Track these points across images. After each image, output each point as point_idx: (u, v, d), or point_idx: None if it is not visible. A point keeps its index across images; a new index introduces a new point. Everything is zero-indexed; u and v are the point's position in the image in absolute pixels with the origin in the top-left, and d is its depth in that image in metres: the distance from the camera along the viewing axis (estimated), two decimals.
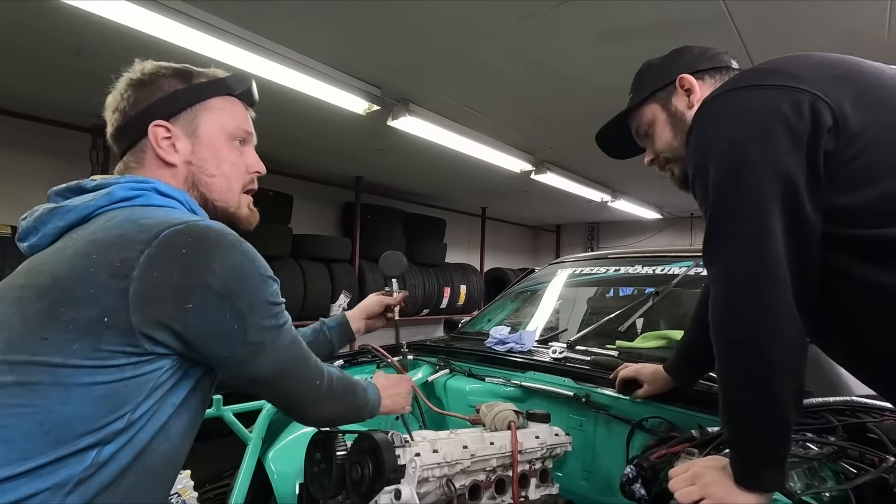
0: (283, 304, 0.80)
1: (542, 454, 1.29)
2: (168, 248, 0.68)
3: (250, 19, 2.22)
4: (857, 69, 0.83)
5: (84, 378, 0.65)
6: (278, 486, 1.48)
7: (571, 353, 1.69)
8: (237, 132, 0.90)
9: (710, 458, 0.89)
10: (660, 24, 2.15)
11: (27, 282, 0.70)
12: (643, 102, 1.05)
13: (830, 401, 1.05)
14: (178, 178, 0.84)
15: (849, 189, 0.75)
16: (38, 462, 0.61)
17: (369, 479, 0.96)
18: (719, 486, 0.80)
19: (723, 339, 0.80)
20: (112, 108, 0.85)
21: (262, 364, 0.76)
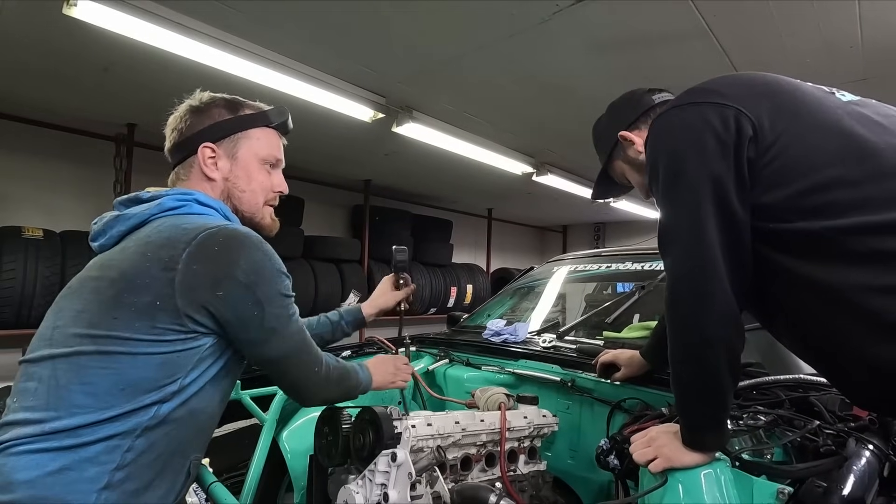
0: (293, 298, 0.95)
1: (530, 433, 1.41)
2: (204, 247, 0.85)
3: (264, 37, 2.38)
4: (775, 86, 0.95)
5: (146, 349, 0.82)
6: (292, 463, 1.63)
7: (560, 342, 1.82)
8: (269, 158, 1.07)
9: (664, 425, 1.01)
10: (643, 37, 2.28)
11: (101, 274, 0.88)
12: (609, 160, 1.23)
13: (781, 378, 1.17)
14: (216, 190, 1.03)
15: (768, 189, 0.86)
16: (117, 412, 0.80)
17: (370, 446, 1.09)
18: (670, 448, 0.92)
19: (670, 320, 0.91)
20: (171, 127, 1.04)
21: (273, 347, 0.92)
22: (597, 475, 1.48)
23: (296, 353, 0.97)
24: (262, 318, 0.89)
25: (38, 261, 3.06)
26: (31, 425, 0.78)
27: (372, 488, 1.04)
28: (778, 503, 0.78)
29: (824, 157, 0.85)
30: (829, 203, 0.83)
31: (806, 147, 0.86)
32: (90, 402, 0.79)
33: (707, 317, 0.85)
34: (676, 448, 0.91)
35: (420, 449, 1.16)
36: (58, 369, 0.81)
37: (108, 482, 0.77)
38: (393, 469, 1.03)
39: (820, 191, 0.84)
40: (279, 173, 1.12)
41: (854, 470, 0.80)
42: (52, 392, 0.80)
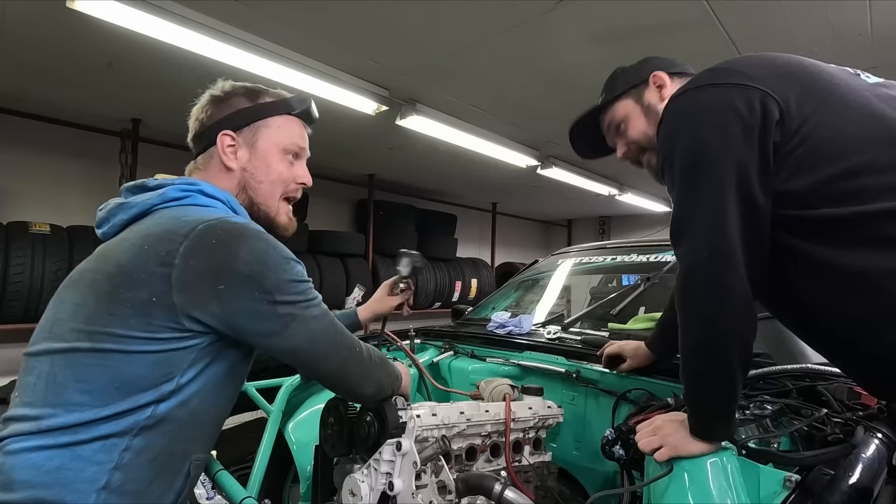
0: (309, 283, 0.89)
1: (535, 424, 1.41)
2: (202, 241, 0.80)
3: (267, 29, 2.38)
4: (800, 67, 0.92)
5: (140, 346, 0.79)
6: (298, 454, 1.64)
7: (565, 334, 1.81)
8: (291, 147, 1.03)
9: (670, 414, 1.00)
10: (649, 25, 2.25)
11: (99, 266, 0.85)
12: (617, 99, 1.14)
13: (789, 368, 1.16)
14: (232, 180, 0.99)
15: (794, 175, 0.83)
16: (113, 410, 0.77)
17: (374, 436, 1.09)
18: (675, 437, 0.91)
19: (683, 311, 0.89)
20: (194, 117, 1.02)
21: (294, 333, 0.86)
22: (602, 466, 1.48)
23: (325, 336, 0.90)
24: (275, 308, 0.83)
25: (45, 256, 3.09)
26: (28, 422, 0.76)
27: (377, 477, 1.04)
28: (785, 491, 0.78)
29: (853, 141, 0.82)
30: (858, 189, 0.80)
31: (834, 131, 0.83)
32: (86, 400, 0.77)
33: (723, 309, 0.83)
34: (682, 437, 0.90)
35: (425, 439, 1.16)
36: (55, 365, 0.79)
37: (107, 482, 0.75)
38: (398, 458, 1.03)
39: (849, 177, 0.81)
40: (302, 164, 1.07)
41: (862, 458, 0.80)
42: (49, 388, 0.78)
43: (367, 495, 1.04)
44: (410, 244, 5.81)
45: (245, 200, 0.99)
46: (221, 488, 1.01)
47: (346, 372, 0.95)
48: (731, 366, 0.85)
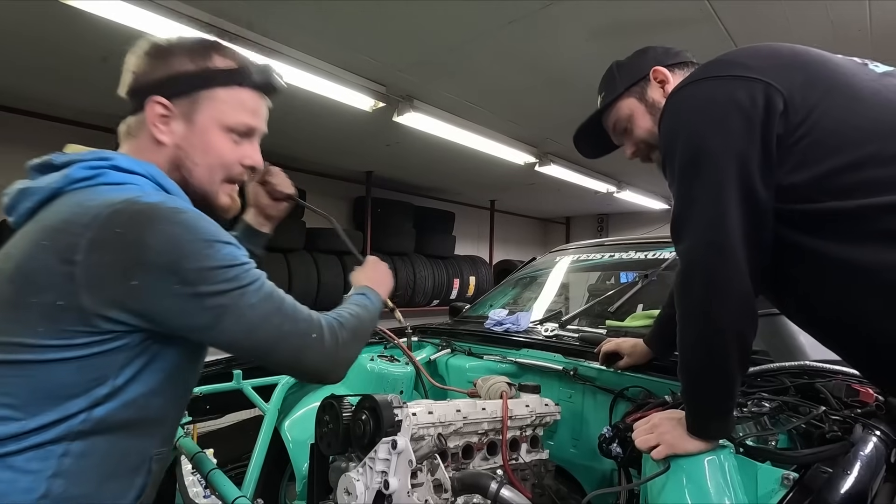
0: (244, 265, 0.76)
1: (532, 421, 1.41)
2: (105, 230, 0.68)
3: (263, 26, 2.36)
4: (805, 56, 0.88)
5: (56, 355, 0.69)
6: (293, 453, 1.63)
7: (563, 331, 1.81)
8: (237, 126, 0.86)
9: (666, 412, 1.00)
10: (647, 22, 2.24)
11: (2, 266, 0.74)
12: (618, 98, 1.11)
13: (786, 365, 1.16)
14: (163, 155, 0.83)
15: (798, 168, 0.80)
16: (42, 421, 0.69)
17: (370, 434, 1.09)
18: (672, 435, 0.91)
19: (682, 307, 0.88)
20: (129, 68, 0.84)
21: (228, 327, 0.73)
22: (599, 464, 1.48)
23: (267, 325, 0.76)
24: (201, 301, 0.71)
25: None
26: None
27: (372, 476, 1.04)
28: (783, 489, 0.77)
29: (858, 133, 0.80)
30: (863, 181, 0.78)
31: (839, 122, 0.81)
32: (11, 413, 0.68)
33: (723, 306, 0.82)
34: (679, 435, 0.90)
35: (421, 437, 1.15)
36: None
37: (46, 490, 0.68)
38: (393, 456, 1.02)
39: (853, 169, 0.79)
40: (252, 144, 0.91)
41: (860, 456, 0.79)
42: None
43: (363, 494, 1.03)
44: (408, 242, 5.80)
45: (178, 179, 0.84)
46: (214, 487, 0.99)
47: (302, 361, 0.80)
48: (729, 363, 0.84)
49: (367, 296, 1.00)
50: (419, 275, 5.72)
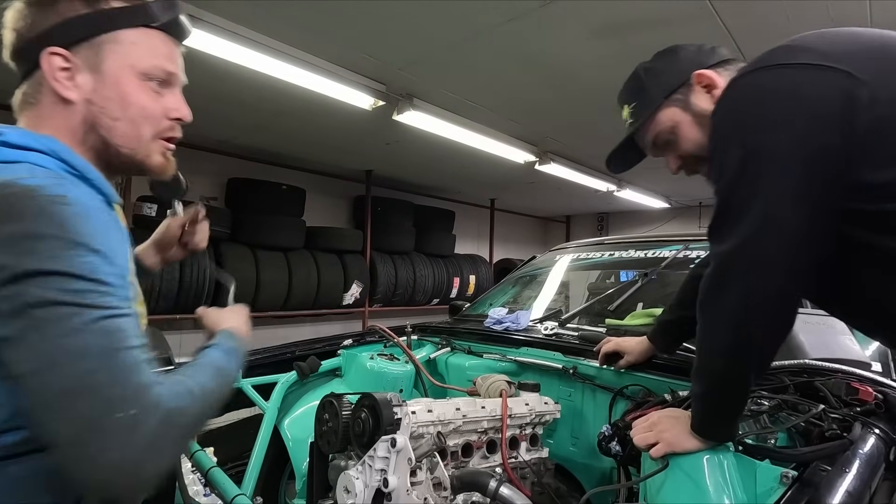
0: (99, 285, 0.57)
1: (532, 420, 1.41)
2: None
3: (262, 24, 2.36)
4: (879, 40, 0.79)
5: None
6: (293, 451, 1.63)
7: (562, 330, 1.81)
8: (154, 71, 0.76)
9: (666, 410, 1.00)
10: (647, 19, 2.24)
11: None
12: (658, 109, 0.98)
13: (786, 364, 1.16)
14: (74, 117, 0.71)
15: (878, 166, 0.72)
16: None
17: (370, 432, 1.09)
18: (672, 433, 0.90)
19: (710, 313, 0.82)
20: (9, 25, 0.73)
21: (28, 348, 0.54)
22: (599, 462, 1.48)
23: (75, 366, 0.54)
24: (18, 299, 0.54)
25: None
26: None
27: (372, 474, 1.04)
28: (782, 487, 0.77)
29: None
30: None
31: None
32: None
33: (761, 321, 0.77)
34: (679, 433, 0.89)
35: (420, 435, 1.15)
36: None
37: None
38: (392, 455, 1.03)
39: None
40: (175, 93, 0.80)
41: (859, 454, 0.79)
42: None
43: (362, 492, 1.03)
44: (408, 241, 5.81)
45: (97, 143, 0.72)
46: (214, 485, 0.99)
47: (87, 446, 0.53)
48: (752, 373, 0.82)
49: (231, 354, 0.78)
50: (419, 274, 5.72)
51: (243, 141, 4.27)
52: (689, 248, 2.04)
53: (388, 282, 5.44)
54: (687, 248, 2.05)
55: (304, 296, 4.53)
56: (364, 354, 1.92)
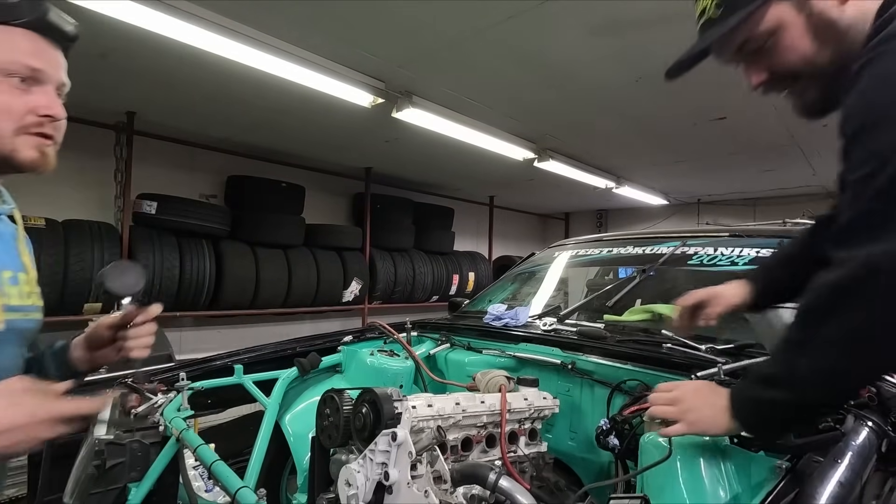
0: None
1: (531, 414, 1.43)
2: None
3: (262, 21, 2.36)
4: None
5: None
6: (294, 446, 1.65)
7: (561, 325, 1.82)
8: (13, 67, 0.76)
9: (696, 384, 0.89)
10: (644, 18, 2.25)
11: None
12: (766, 4, 0.79)
13: None
14: None
15: None
16: None
17: (370, 426, 1.10)
18: (697, 415, 0.80)
19: (835, 326, 0.67)
20: None
21: None
22: (597, 456, 1.49)
23: None
24: None
25: (41, 249, 3.07)
26: None
27: (373, 467, 1.05)
28: (775, 477, 0.79)
29: None
30: None
31: None
32: None
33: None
34: (707, 416, 0.80)
35: (420, 430, 1.17)
36: None
37: None
38: (393, 448, 1.04)
39: None
40: (43, 91, 0.79)
41: (852, 445, 0.81)
42: None
43: (363, 485, 1.04)
44: (408, 238, 5.82)
45: None
46: (217, 479, 1.01)
47: None
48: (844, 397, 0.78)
49: None
50: (418, 271, 5.73)
51: (242, 138, 4.28)
52: (686, 245, 2.06)
53: (387, 279, 5.45)
54: (685, 244, 2.06)
55: (303, 293, 4.55)
56: (364, 351, 1.94)
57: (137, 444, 1.13)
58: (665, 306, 1.79)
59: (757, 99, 3.65)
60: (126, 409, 1.26)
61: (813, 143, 4.21)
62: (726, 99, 3.25)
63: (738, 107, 3.41)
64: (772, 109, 3.43)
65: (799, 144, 4.27)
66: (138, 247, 3.58)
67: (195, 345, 4.26)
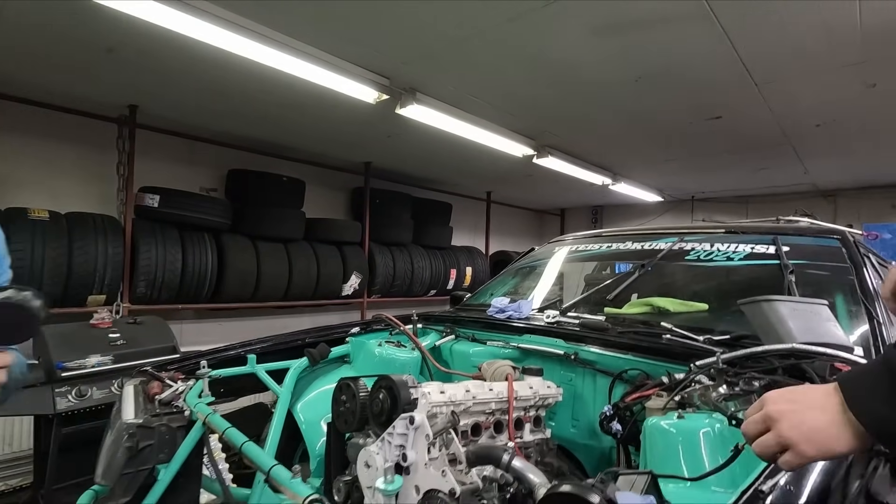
0: None
1: (536, 402, 1.49)
2: None
3: (270, 17, 2.39)
4: None
5: None
6: (307, 433, 1.70)
7: (563, 318, 1.89)
8: None
9: (783, 390, 0.68)
10: (645, 19, 2.30)
11: None
12: None
13: (775, 348, 1.24)
14: None
15: None
16: None
17: (388, 411, 1.16)
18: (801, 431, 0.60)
19: None
20: None
21: None
22: (598, 442, 1.56)
23: None
24: None
25: (45, 242, 3.09)
26: None
27: (391, 450, 1.11)
28: None
29: None
30: None
31: None
32: None
33: None
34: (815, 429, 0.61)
35: (434, 415, 1.23)
36: None
37: None
38: (411, 431, 1.09)
39: None
40: None
41: None
42: None
43: (382, 466, 1.10)
44: (406, 233, 5.86)
45: None
46: (249, 458, 1.06)
47: None
48: None
49: None
50: (417, 265, 5.78)
51: (243, 132, 4.30)
52: (683, 241, 2.12)
53: (386, 273, 5.50)
54: (682, 240, 2.13)
55: (304, 286, 4.58)
56: (372, 341, 2.00)
57: (165, 427, 1.18)
58: (663, 299, 1.86)
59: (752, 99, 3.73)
60: (149, 395, 1.31)
61: (806, 142, 4.30)
62: (722, 99, 3.33)
63: (733, 107, 3.48)
64: (766, 110, 3.51)
65: (792, 144, 4.35)
66: (141, 240, 3.60)
67: (196, 337, 4.29)
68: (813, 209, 4.37)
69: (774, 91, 3.16)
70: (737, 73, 2.82)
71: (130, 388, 1.41)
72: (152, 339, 2.84)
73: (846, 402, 0.60)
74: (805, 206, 5.31)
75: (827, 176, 5.77)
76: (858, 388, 0.60)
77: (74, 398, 2.54)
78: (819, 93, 3.18)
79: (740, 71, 2.80)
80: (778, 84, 3.05)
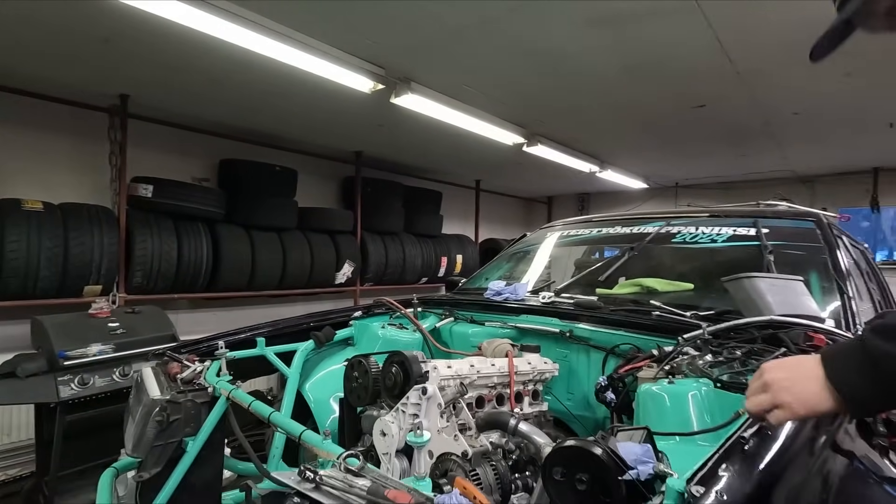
0: None
1: (534, 377, 1.59)
2: None
3: (265, 6, 2.41)
4: None
5: None
6: (316, 410, 1.78)
7: (558, 298, 1.99)
8: None
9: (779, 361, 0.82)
10: (635, 12, 2.39)
11: None
12: None
13: (754, 320, 1.35)
14: None
15: None
16: None
17: (401, 384, 1.25)
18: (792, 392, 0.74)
19: None
20: None
21: None
22: (591, 413, 1.67)
23: None
24: None
25: (40, 233, 3.09)
26: None
27: (405, 419, 1.20)
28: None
29: None
30: None
31: None
32: None
33: None
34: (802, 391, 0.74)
35: (442, 388, 1.32)
36: None
37: None
38: (424, 401, 1.18)
39: None
40: None
41: None
42: None
43: (397, 434, 1.19)
44: (398, 221, 5.92)
45: None
46: (279, 426, 1.14)
47: None
48: None
49: None
50: (408, 253, 5.85)
51: (234, 122, 4.29)
52: (670, 225, 2.23)
53: (378, 261, 5.56)
54: (668, 224, 2.24)
55: (298, 275, 4.63)
56: (376, 324, 2.08)
57: (191, 402, 1.25)
58: (652, 280, 1.97)
59: (734, 89, 3.83)
60: (170, 375, 1.38)
61: (785, 130, 4.45)
62: (706, 88, 3.43)
63: (716, 96, 3.60)
64: (748, 99, 3.63)
65: (772, 132, 4.50)
66: (136, 230, 3.61)
67: (191, 327, 4.31)
68: (792, 195, 4.54)
69: (755, 81, 3.28)
70: (720, 64, 2.91)
71: (149, 369, 1.47)
72: (151, 327, 2.88)
73: (825, 373, 0.74)
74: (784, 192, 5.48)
75: (805, 162, 5.95)
76: (837, 361, 0.74)
77: (77, 386, 2.57)
78: (798, 82, 3.30)
79: (723, 61, 2.90)
80: (759, 74, 3.16)
